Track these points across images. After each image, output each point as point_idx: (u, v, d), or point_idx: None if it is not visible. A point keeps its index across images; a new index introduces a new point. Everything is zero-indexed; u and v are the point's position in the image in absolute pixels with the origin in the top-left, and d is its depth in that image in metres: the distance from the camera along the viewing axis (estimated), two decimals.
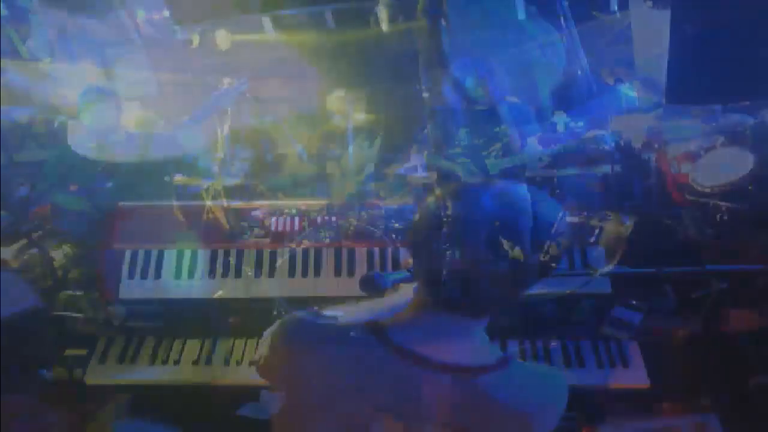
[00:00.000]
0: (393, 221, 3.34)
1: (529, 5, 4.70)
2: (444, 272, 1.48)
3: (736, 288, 2.99)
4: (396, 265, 3.13)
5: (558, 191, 4.27)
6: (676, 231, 3.54)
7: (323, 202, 3.32)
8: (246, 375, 2.95)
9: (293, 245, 3.19)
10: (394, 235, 3.22)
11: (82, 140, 3.63)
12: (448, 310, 1.55)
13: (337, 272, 3.11)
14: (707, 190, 3.63)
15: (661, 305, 3.10)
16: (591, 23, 4.73)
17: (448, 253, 1.45)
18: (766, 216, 3.51)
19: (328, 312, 1.74)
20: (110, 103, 3.63)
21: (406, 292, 1.67)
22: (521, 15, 4.80)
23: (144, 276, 3.10)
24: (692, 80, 2.88)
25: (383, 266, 3.12)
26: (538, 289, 1.62)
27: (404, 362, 1.51)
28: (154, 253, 3.16)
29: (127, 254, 3.15)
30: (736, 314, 2.92)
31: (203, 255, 3.15)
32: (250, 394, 2.90)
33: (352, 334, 1.57)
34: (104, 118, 3.60)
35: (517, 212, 1.48)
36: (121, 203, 3.27)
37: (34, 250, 3.15)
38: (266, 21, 5.00)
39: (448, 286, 1.50)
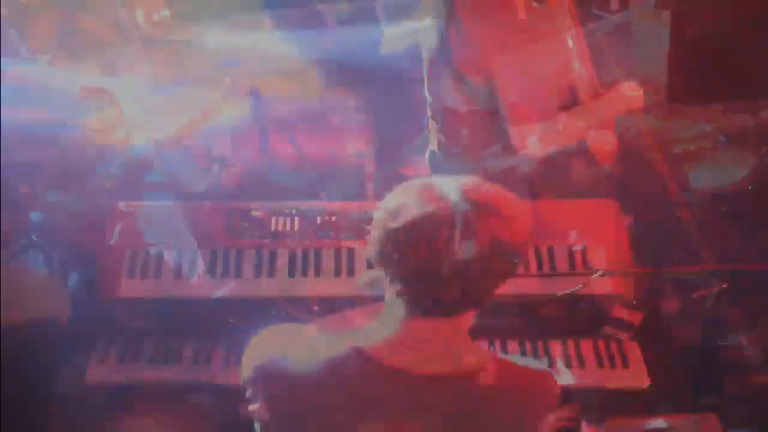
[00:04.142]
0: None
1: (530, 4, 4.69)
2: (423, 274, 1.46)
3: (737, 288, 2.99)
4: None
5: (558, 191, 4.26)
6: (677, 231, 3.54)
7: (324, 202, 3.32)
8: None
9: (293, 245, 3.19)
10: None
11: (82, 139, 3.63)
12: (427, 314, 1.54)
13: (337, 272, 3.11)
14: (707, 191, 3.63)
15: (661, 305, 3.10)
16: (591, 22, 4.72)
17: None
18: (766, 216, 3.51)
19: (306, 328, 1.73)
20: (110, 101, 3.63)
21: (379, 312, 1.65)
22: (522, 14, 4.79)
23: (144, 276, 3.10)
24: (692, 80, 2.88)
25: None
26: (538, 290, 1.61)
27: (388, 377, 1.50)
28: (154, 253, 3.16)
29: (128, 254, 3.15)
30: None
31: (203, 255, 3.15)
32: None
33: (331, 352, 1.55)
34: (104, 117, 3.60)
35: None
36: (121, 203, 3.27)
37: (34, 251, 3.15)
38: (266, 20, 4.99)
39: (428, 288, 1.49)
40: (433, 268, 1.40)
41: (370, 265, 3.11)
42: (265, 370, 1.61)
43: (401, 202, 1.47)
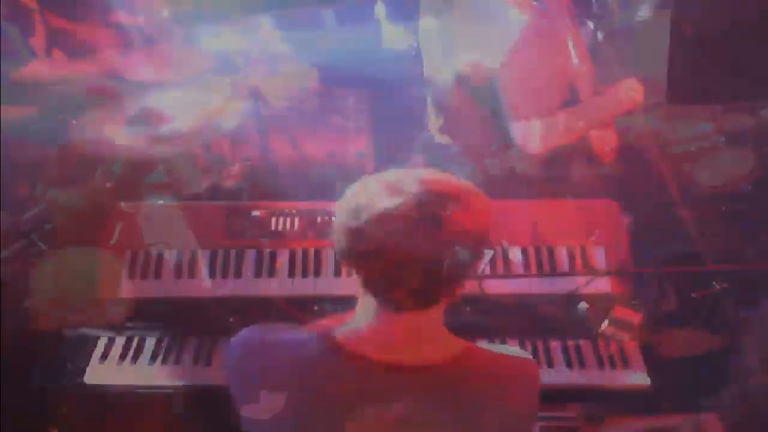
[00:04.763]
0: None
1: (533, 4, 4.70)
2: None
3: (737, 288, 2.99)
4: None
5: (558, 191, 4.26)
6: (677, 231, 3.54)
7: (324, 202, 3.32)
8: None
9: (293, 245, 3.19)
10: None
11: (84, 139, 3.63)
12: (399, 309, 1.54)
13: (337, 272, 3.11)
14: (707, 190, 3.63)
15: (662, 305, 3.10)
16: (591, 22, 4.72)
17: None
18: (766, 216, 3.51)
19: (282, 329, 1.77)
20: (115, 100, 3.64)
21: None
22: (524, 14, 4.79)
23: (144, 276, 3.10)
24: (692, 80, 2.88)
25: None
26: (538, 290, 1.61)
27: (360, 370, 1.53)
28: (154, 253, 3.16)
29: (128, 254, 3.15)
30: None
31: (203, 255, 3.15)
32: None
33: (305, 346, 1.59)
34: (108, 117, 3.60)
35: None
36: (121, 203, 3.27)
37: (34, 251, 3.15)
38: (266, 20, 5.00)
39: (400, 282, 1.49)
40: (402, 261, 1.41)
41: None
42: (244, 368, 1.64)
43: (364, 199, 1.47)
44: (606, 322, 2.98)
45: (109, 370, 2.99)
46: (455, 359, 1.56)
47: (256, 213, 3.25)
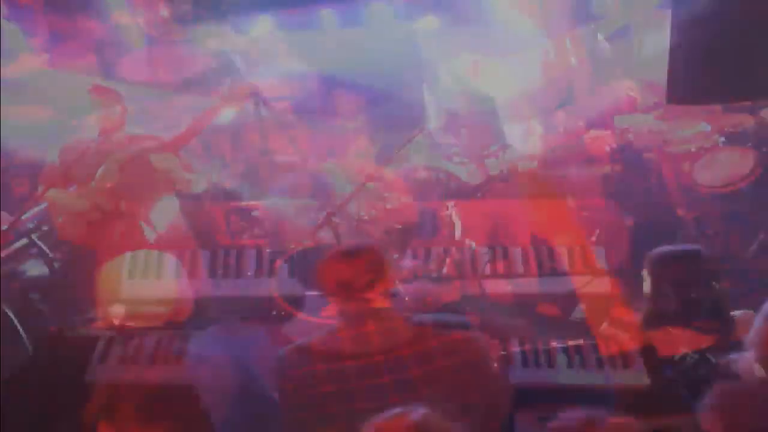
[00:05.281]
0: (393, 221, 3.35)
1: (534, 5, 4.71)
2: None
3: (736, 287, 2.99)
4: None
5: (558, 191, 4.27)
6: (677, 231, 3.54)
7: (323, 202, 3.32)
8: None
9: (293, 245, 3.19)
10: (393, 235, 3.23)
11: (85, 139, 3.63)
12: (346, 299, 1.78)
13: None
14: (707, 190, 3.63)
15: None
16: (591, 22, 4.73)
17: None
18: (766, 216, 3.51)
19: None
20: (117, 101, 3.65)
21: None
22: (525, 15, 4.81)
23: (144, 276, 3.10)
24: (692, 80, 2.88)
25: None
26: (538, 290, 1.63)
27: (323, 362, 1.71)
28: (155, 253, 3.16)
29: (128, 254, 3.16)
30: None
31: (203, 255, 3.15)
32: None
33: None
34: (111, 116, 3.61)
35: None
36: (122, 203, 3.28)
37: (34, 251, 3.15)
38: (266, 20, 5.00)
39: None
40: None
41: None
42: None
43: None
44: (606, 322, 2.99)
45: (109, 369, 2.99)
46: (412, 339, 1.74)
47: (256, 213, 3.26)
